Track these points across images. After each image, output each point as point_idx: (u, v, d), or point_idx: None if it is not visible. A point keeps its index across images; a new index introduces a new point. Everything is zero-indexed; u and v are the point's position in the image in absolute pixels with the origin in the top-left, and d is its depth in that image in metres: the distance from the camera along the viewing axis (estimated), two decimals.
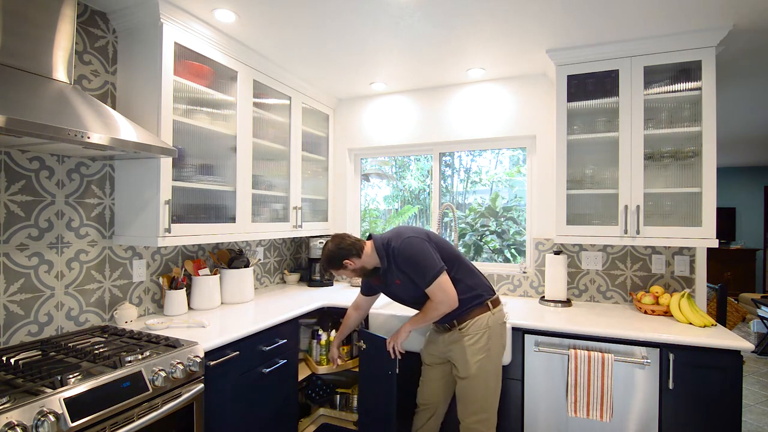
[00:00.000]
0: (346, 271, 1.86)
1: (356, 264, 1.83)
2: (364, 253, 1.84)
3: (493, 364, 1.79)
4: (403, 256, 1.74)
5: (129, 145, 1.45)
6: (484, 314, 1.79)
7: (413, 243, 1.74)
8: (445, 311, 1.73)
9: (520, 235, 2.96)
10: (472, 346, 1.77)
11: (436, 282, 1.70)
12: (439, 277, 1.70)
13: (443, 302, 1.71)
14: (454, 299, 1.72)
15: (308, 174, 2.98)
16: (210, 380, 1.60)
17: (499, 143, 2.85)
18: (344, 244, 1.82)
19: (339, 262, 1.82)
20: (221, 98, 2.17)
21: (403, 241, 1.75)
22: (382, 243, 1.82)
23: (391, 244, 1.78)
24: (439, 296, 1.71)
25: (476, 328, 1.77)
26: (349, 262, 1.82)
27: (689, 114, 2.14)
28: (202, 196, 2.13)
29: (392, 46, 2.22)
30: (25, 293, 1.60)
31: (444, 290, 1.71)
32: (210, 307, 2.20)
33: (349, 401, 2.58)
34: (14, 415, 1.02)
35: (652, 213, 2.20)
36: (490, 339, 1.78)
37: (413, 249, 1.73)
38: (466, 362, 1.77)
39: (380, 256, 1.81)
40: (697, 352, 1.74)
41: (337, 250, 1.82)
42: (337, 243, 1.84)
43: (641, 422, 1.82)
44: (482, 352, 1.77)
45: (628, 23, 1.92)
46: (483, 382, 1.77)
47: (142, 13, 1.81)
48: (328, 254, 1.84)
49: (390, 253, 1.78)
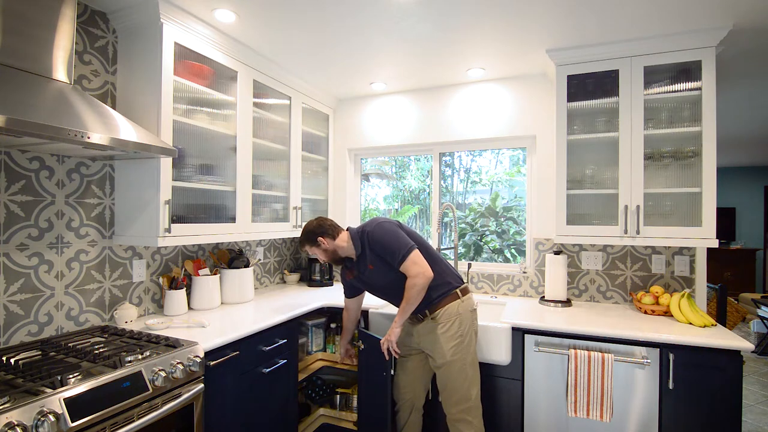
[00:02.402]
0: (319, 250, 1.97)
1: (329, 245, 1.95)
2: (339, 238, 1.96)
3: (467, 351, 1.84)
4: (375, 238, 1.85)
5: (129, 145, 1.45)
6: (454, 302, 1.85)
7: (384, 227, 1.87)
8: (423, 284, 1.76)
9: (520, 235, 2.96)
10: (444, 333, 1.83)
11: (408, 257, 1.78)
12: (411, 253, 1.79)
13: (419, 274, 1.76)
14: (429, 271, 1.78)
15: (308, 174, 2.98)
16: (210, 380, 1.60)
17: (499, 143, 2.85)
18: (324, 224, 1.97)
19: (314, 238, 1.95)
20: (221, 98, 2.17)
21: (375, 226, 1.88)
22: (357, 231, 1.94)
23: (366, 230, 1.90)
24: (413, 270, 1.77)
25: (447, 315, 1.84)
26: (323, 240, 1.94)
27: (689, 114, 2.14)
28: (202, 196, 2.13)
29: (392, 47, 2.23)
30: (25, 293, 1.60)
31: (417, 263, 1.78)
32: (210, 307, 2.20)
33: (349, 401, 2.58)
34: (14, 415, 1.02)
35: (652, 213, 2.20)
36: (461, 325, 1.84)
37: (384, 230, 1.85)
38: (441, 349, 1.83)
39: (355, 243, 1.92)
40: (697, 352, 1.74)
41: (315, 227, 1.96)
42: (318, 221, 1.99)
43: (641, 422, 1.82)
44: (455, 339, 1.82)
45: (628, 23, 1.92)
46: (460, 368, 1.82)
47: (142, 13, 1.81)
48: (306, 229, 1.98)
49: (364, 238, 1.89)
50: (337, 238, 1.96)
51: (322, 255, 1.98)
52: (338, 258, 2.00)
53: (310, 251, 2.00)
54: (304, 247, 2.01)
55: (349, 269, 2.01)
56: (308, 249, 2.00)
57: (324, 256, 1.99)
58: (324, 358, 2.54)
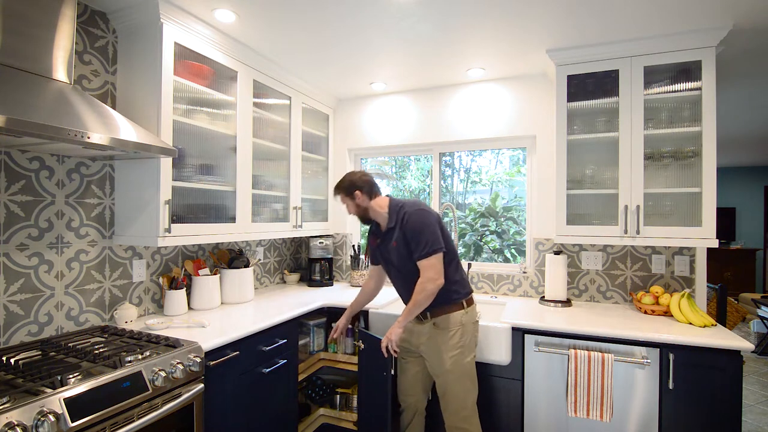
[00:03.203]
0: (351, 202, 1.95)
1: (363, 202, 1.93)
2: (375, 201, 1.94)
3: (466, 361, 1.82)
4: (412, 222, 1.79)
5: (129, 145, 1.45)
6: (457, 312, 1.82)
7: (425, 215, 1.81)
8: (432, 291, 1.74)
9: (520, 235, 2.96)
10: (445, 342, 1.81)
11: (430, 258, 1.74)
12: (436, 254, 1.75)
13: (431, 280, 1.73)
14: (441, 279, 1.76)
15: (308, 174, 2.98)
16: (210, 380, 1.60)
17: (499, 143, 2.85)
18: (366, 180, 1.94)
19: (352, 189, 1.93)
20: (221, 98, 2.17)
21: (417, 210, 1.82)
22: (396, 205, 1.90)
23: (405, 209, 1.84)
24: (427, 272, 1.74)
25: (449, 323, 1.81)
26: (359, 194, 1.92)
27: (689, 114, 2.14)
28: (202, 196, 2.13)
29: (392, 47, 2.22)
30: (25, 293, 1.60)
31: (434, 267, 1.75)
32: (210, 307, 2.20)
33: (349, 401, 2.58)
34: (14, 415, 1.02)
35: (652, 213, 2.20)
36: (463, 336, 1.82)
37: (423, 220, 1.79)
38: (441, 358, 1.81)
39: (390, 215, 1.89)
40: (697, 352, 1.74)
41: (357, 180, 1.94)
42: (362, 175, 1.96)
43: (641, 422, 1.82)
44: (456, 349, 1.80)
45: (628, 23, 1.92)
46: (458, 378, 1.81)
47: (142, 13, 1.81)
48: (347, 178, 1.96)
49: (401, 215, 1.84)
50: (374, 200, 1.93)
51: (353, 209, 1.96)
52: (367, 218, 1.98)
53: (342, 200, 1.98)
54: (337, 194, 1.99)
55: (374, 235, 2.01)
56: (341, 198, 1.98)
57: (354, 209, 1.97)
58: (325, 357, 2.54)
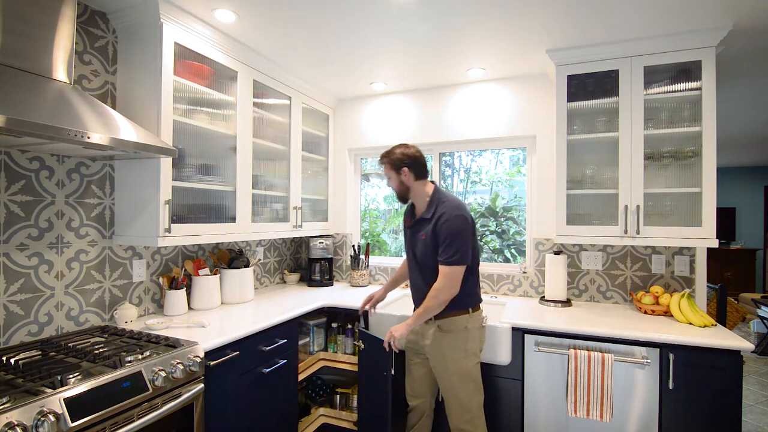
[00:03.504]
0: (396, 177, 1.89)
1: (407, 180, 1.87)
2: (420, 184, 1.88)
3: (471, 365, 1.81)
4: (449, 225, 1.74)
5: (129, 145, 1.45)
6: (462, 315, 1.80)
7: (463, 223, 1.75)
8: (445, 300, 1.74)
9: (520, 235, 2.96)
10: (449, 345, 1.80)
11: (452, 267, 1.72)
12: (459, 266, 1.72)
13: (446, 288, 1.72)
14: (456, 290, 1.74)
15: (308, 174, 2.98)
16: (210, 380, 1.60)
17: (499, 143, 2.85)
18: (419, 162, 1.88)
19: (401, 164, 1.86)
20: (221, 98, 2.17)
21: (457, 215, 1.75)
22: (438, 196, 1.85)
23: (446, 206, 1.79)
24: (445, 280, 1.72)
25: (452, 326, 1.80)
26: (406, 171, 1.86)
27: (689, 114, 2.14)
28: (202, 196, 2.13)
29: (392, 46, 2.22)
30: (25, 293, 1.60)
31: (454, 278, 1.73)
32: (210, 307, 2.20)
33: (349, 401, 2.58)
34: (14, 415, 1.02)
35: (652, 213, 2.20)
36: (467, 341, 1.80)
37: (458, 226, 1.74)
38: (444, 361, 1.81)
39: (430, 204, 1.85)
40: (697, 352, 1.74)
41: (409, 157, 1.87)
42: (416, 153, 1.89)
43: (641, 422, 1.82)
44: (459, 352, 1.79)
45: (628, 23, 1.92)
46: (462, 381, 1.79)
47: (142, 13, 1.81)
48: (400, 151, 1.88)
49: (439, 211, 1.79)
50: (419, 183, 1.88)
51: (395, 183, 1.91)
52: (406, 198, 1.93)
53: (386, 171, 1.92)
54: (383, 162, 1.94)
55: (409, 215, 1.99)
56: (386, 169, 1.92)
57: (395, 184, 1.91)
58: (325, 357, 2.54)
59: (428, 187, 1.90)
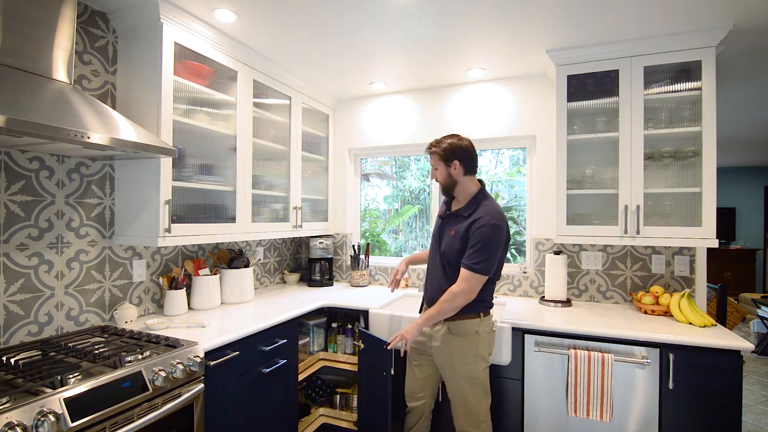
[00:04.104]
0: (444, 168, 1.80)
1: (455, 173, 1.78)
2: (467, 178, 1.80)
3: (480, 370, 1.79)
4: (483, 232, 1.68)
5: (129, 145, 1.45)
6: (473, 319, 1.77)
7: (498, 234, 1.70)
8: (460, 305, 1.71)
9: (520, 235, 2.96)
10: (459, 348, 1.77)
11: (475, 274, 1.68)
12: (481, 274, 1.68)
13: (463, 293, 1.69)
14: (473, 297, 1.71)
15: (308, 174, 2.98)
16: (210, 380, 1.60)
17: (499, 143, 2.85)
18: (471, 151, 1.80)
19: (453, 156, 1.77)
20: (221, 98, 2.17)
21: (492, 225, 1.69)
22: (482, 197, 1.79)
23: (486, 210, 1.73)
24: (464, 285, 1.69)
25: (463, 330, 1.77)
26: (457, 164, 1.77)
27: (689, 114, 2.14)
28: (202, 196, 2.13)
29: (392, 46, 2.22)
30: (25, 293, 1.60)
31: (473, 284, 1.69)
32: (210, 307, 2.20)
33: (349, 401, 2.58)
34: (14, 415, 1.02)
35: (652, 213, 2.20)
36: (478, 345, 1.77)
37: (494, 237, 1.69)
38: (453, 364, 1.78)
39: (468, 204, 1.79)
40: (697, 352, 1.74)
41: (464, 149, 1.78)
42: (467, 144, 1.80)
43: (641, 422, 1.82)
44: (469, 356, 1.77)
45: (628, 23, 1.92)
46: (470, 386, 1.77)
47: (142, 13, 1.81)
48: (452, 142, 1.78)
49: (478, 213, 1.73)
50: (468, 178, 1.80)
51: (442, 175, 1.81)
52: (451, 192, 1.84)
53: (433, 162, 1.82)
54: (431, 151, 1.82)
55: (446, 205, 1.92)
56: (433, 159, 1.82)
57: (441, 177, 1.82)
58: (325, 357, 2.54)
59: (474, 185, 1.82)
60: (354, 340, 2.50)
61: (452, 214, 1.84)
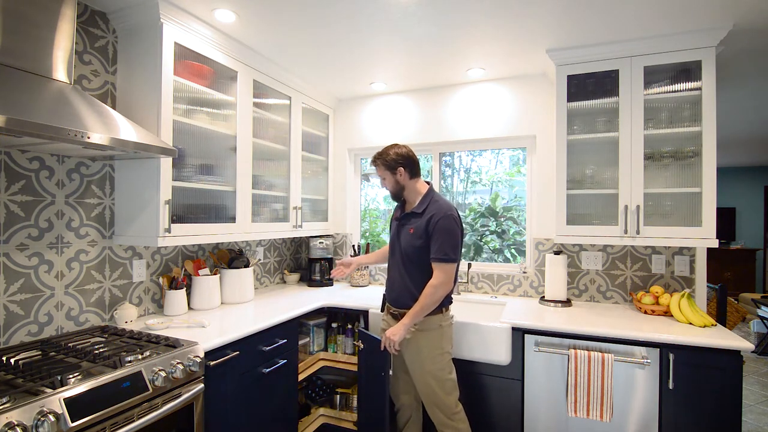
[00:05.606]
0: (390, 177, 1.93)
1: (401, 180, 1.91)
2: (414, 181, 1.94)
3: (446, 362, 1.86)
4: (440, 224, 1.79)
5: (129, 145, 1.45)
6: (437, 315, 1.85)
7: (452, 224, 1.81)
8: (441, 297, 1.79)
9: (520, 235, 2.96)
10: (426, 344, 1.84)
11: (447, 264, 1.78)
12: (452, 263, 1.79)
13: (442, 284, 1.77)
14: (451, 286, 1.81)
15: (308, 174, 2.98)
16: (210, 380, 1.60)
17: (499, 143, 2.85)
18: (411, 157, 1.93)
19: (396, 164, 1.90)
20: (221, 98, 2.17)
21: (448, 216, 1.80)
22: (431, 195, 1.91)
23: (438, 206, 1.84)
24: (442, 277, 1.77)
25: (428, 325, 1.84)
26: (402, 171, 1.90)
27: (689, 114, 2.14)
28: (202, 196, 2.13)
29: (392, 47, 2.22)
30: (25, 293, 1.60)
31: (449, 274, 1.79)
32: (210, 307, 2.20)
33: (349, 401, 2.58)
34: (14, 415, 1.02)
35: (652, 213, 2.20)
36: (442, 338, 1.85)
37: (450, 227, 1.80)
38: (420, 359, 1.84)
39: (421, 204, 1.89)
40: (697, 352, 1.74)
41: (402, 157, 1.91)
42: (409, 153, 1.93)
43: (641, 422, 1.82)
44: (435, 350, 1.84)
45: (628, 23, 1.92)
46: (439, 380, 1.83)
47: (142, 13, 1.81)
48: (394, 151, 1.92)
49: (430, 210, 1.84)
50: (414, 181, 1.93)
51: (390, 184, 1.94)
52: (400, 196, 1.97)
53: (380, 172, 1.95)
54: (376, 163, 1.95)
55: (399, 209, 2.03)
56: (380, 170, 1.95)
57: (390, 185, 1.95)
58: (325, 357, 2.54)
59: (422, 185, 1.95)
60: (354, 340, 2.50)
61: (407, 214, 1.94)
